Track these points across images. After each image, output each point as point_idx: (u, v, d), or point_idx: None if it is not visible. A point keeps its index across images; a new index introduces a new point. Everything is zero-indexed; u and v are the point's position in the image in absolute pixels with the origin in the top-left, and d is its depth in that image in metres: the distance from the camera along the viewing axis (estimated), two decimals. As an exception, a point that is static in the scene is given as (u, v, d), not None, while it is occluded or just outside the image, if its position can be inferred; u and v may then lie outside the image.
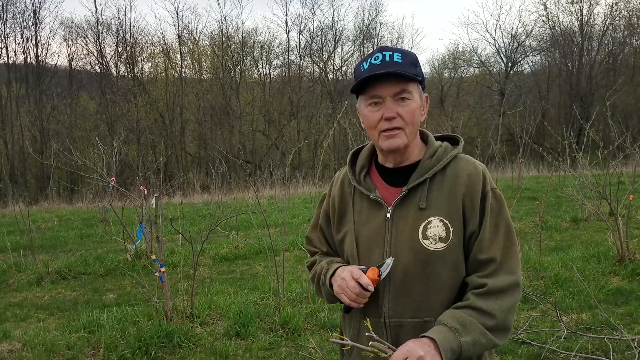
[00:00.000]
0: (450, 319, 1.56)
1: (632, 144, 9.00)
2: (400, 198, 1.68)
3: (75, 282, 7.39)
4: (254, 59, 33.96)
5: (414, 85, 1.66)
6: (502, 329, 1.60)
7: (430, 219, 1.64)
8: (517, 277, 1.64)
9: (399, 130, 1.64)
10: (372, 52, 1.69)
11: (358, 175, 1.79)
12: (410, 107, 1.64)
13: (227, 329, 5.00)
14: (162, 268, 5.15)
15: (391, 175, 1.75)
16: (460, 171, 1.68)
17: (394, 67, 1.61)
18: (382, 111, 1.63)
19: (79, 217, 13.81)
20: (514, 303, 1.62)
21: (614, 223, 6.77)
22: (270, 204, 12.87)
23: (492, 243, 1.63)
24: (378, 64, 1.63)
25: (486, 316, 1.57)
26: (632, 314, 5.09)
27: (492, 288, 1.59)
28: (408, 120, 1.64)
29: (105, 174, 7.36)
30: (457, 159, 1.72)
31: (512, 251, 1.65)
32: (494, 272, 1.62)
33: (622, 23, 33.26)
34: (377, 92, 1.64)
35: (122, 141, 17.20)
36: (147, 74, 33.06)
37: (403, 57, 1.64)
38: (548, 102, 32.59)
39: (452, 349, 1.50)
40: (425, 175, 1.67)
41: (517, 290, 1.64)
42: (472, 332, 1.54)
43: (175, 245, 8.97)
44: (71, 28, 31.62)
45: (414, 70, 1.65)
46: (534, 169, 19.80)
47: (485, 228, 1.63)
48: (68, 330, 5.07)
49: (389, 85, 1.62)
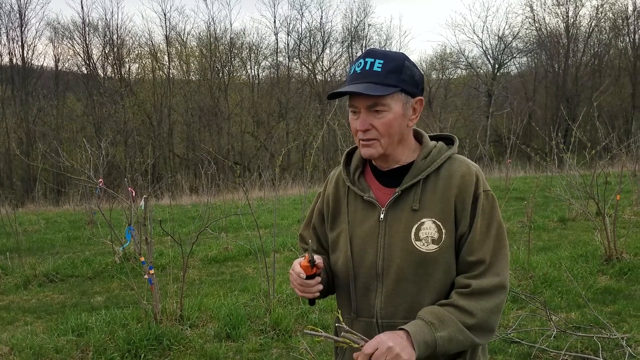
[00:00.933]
0: (428, 314, 1.57)
1: (618, 145, 9.11)
2: (394, 199, 1.68)
3: (63, 285, 7.32)
4: (242, 60, 33.95)
5: (393, 96, 1.62)
6: (483, 329, 1.60)
7: (423, 221, 1.64)
8: (503, 278, 1.63)
9: (374, 141, 1.65)
10: (360, 55, 1.69)
11: (352, 176, 1.78)
12: (385, 118, 1.62)
13: (218, 331, 4.97)
14: (151, 270, 5.12)
15: (385, 176, 1.74)
16: (453, 172, 1.67)
17: (368, 78, 1.61)
18: (358, 121, 1.66)
19: (66, 220, 13.69)
20: (498, 304, 1.61)
21: (602, 223, 6.83)
22: (259, 206, 12.84)
23: (482, 245, 1.63)
24: (358, 72, 1.64)
25: (466, 314, 1.57)
26: (620, 312, 5.13)
27: (475, 289, 1.59)
28: (383, 132, 1.63)
29: (93, 175, 7.31)
30: (452, 159, 1.71)
31: (501, 253, 1.65)
32: (481, 273, 1.61)
33: (607, 25, 33.65)
34: (354, 102, 1.65)
35: (110, 143, 17.08)
36: (134, 75, 32.92)
37: (385, 64, 1.62)
38: (535, 103, 32.82)
39: (425, 342, 1.50)
40: (419, 176, 1.67)
41: (502, 292, 1.63)
42: (449, 328, 1.54)
43: (164, 247, 8.92)
44: (57, 29, 31.41)
45: (394, 79, 1.61)
46: (522, 170, 19.94)
47: (476, 229, 1.63)
48: (56, 333, 5.02)
49: (362, 98, 1.62)
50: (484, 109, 32.98)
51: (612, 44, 33.67)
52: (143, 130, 29.77)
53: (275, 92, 32.11)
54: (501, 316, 2.07)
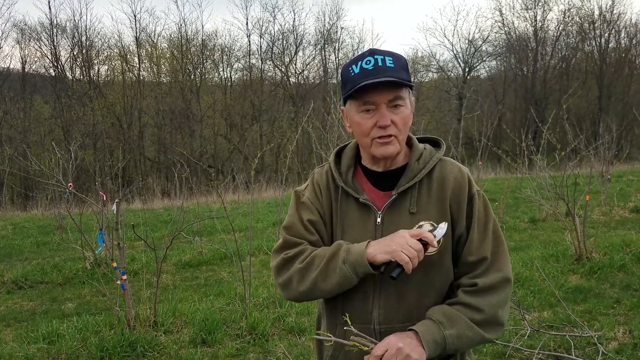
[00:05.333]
0: (435, 313, 1.58)
1: (587, 147, 9.31)
2: (391, 202, 1.66)
3: (33, 292, 7.14)
4: (215, 62, 33.70)
5: (407, 91, 1.63)
6: (492, 324, 1.61)
7: (421, 224, 1.63)
8: (507, 273, 1.65)
9: (392, 137, 1.61)
10: (362, 54, 1.64)
11: (345, 176, 1.73)
12: (403, 114, 1.62)
13: (193, 336, 4.91)
14: (124, 276, 5.03)
15: (377, 178, 1.71)
16: (446, 174, 1.68)
17: (388, 72, 1.56)
18: (376, 118, 1.59)
19: (35, 225, 13.38)
20: (504, 298, 1.63)
21: (572, 223, 6.97)
22: (234, 209, 12.75)
23: (482, 244, 1.65)
24: (371, 68, 1.57)
25: (474, 311, 1.58)
26: (591, 310, 5.24)
27: (482, 286, 1.61)
28: (401, 128, 1.62)
29: (62, 179, 7.16)
30: (442, 162, 1.72)
31: (500, 250, 1.67)
32: (484, 271, 1.63)
33: (574, 29, 34.47)
34: (372, 98, 1.59)
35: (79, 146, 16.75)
36: (103, 78, 32.36)
37: (395, 62, 1.60)
38: (504, 106, 33.40)
39: (435, 340, 1.51)
40: (415, 179, 1.65)
41: (507, 286, 1.64)
42: (457, 326, 1.55)
43: (136, 252, 8.78)
44: (24, 30, 30.67)
45: (406, 75, 1.62)
46: (492, 172, 20.24)
47: (474, 230, 1.65)
48: (26, 341, 4.89)
49: (384, 92, 1.57)
50: (455, 112, 33.48)
51: (579, 48, 34.51)
52: (113, 133, 29.28)
53: (248, 94, 31.95)
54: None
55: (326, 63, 33.76)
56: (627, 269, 6.46)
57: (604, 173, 12.37)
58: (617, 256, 6.71)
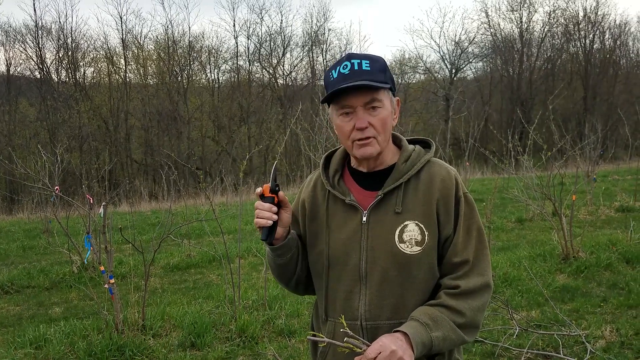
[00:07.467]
0: (422, 315, 1.60)
1: (572, 147, 9.40)
2: (376, 202, 1.70)
3: (19, 296, 7.06)
4: (202, 64, 33.53)
5: (384, 92, 1.67)
6: (471, 327, 1.66)
7: (406, 223, 1.67)
8: (488, 278, 1.70)
9: (371, 139, 1.66)
10: (341, 59, 1.69)
11: (332, 179, 1.79)
12: (381, 115, 1.66)
13: (182, 340, 4.89)
14: (112, 279, 4.99)
15: (365, 179, 1.76)
16: (434, 176, 1.71)
17: (362, 76, 1.62)
18: (354, 121, 1.65)
19: (20, 229, 13.22)
20: (484, 303, 1.69)
21: (558, 222, 7.03)
22: (222, 211, 12.70)
23: (466, 246, 1.68)
24: (347, 73, 1.64)
25: (456, 314, 1.62)
26: (578, 309, 5.29)
27: (464, 289, 1.65)
28: (380, 129, 1.66)
29: (48, 182, 7.09)
30: (430, 163, 1.75)
31: (483, 254, 1.71)
32: (466, 273, 1.67)
33: (559, 30, 34.82)
34: (348, 102, 1.65)
35: (65, 149, 16.61)
36: (89, 80, 32.06)
37: (372, 64, 1.65)
38: (491, 107, 33.65)
39: (423, 342, 1.55)
40: (401, 179, 1.69)
41: (487, 291, 1.70)
42: (443, 328, 1.59)
43: (124, 255, 8.72)
44: (9, 32, 30.23)
45: (383, 77, 1.66)
46: (480, 172, 20.37)
47: (459, 232, 1.69)
48: (13, 346, 4.84)
49: (359, 95, 1.63)
50: (442, 113, 33.61)
51: (564, 49, 34.85)
52: (99, 136, 29.02)
53: (236, 96, 31.83)
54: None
55: (314, 65, 33.75)
56: (613, 267, 6.53)
57: (590, 173, 12.50)
58: (604, 255, 6.78)
